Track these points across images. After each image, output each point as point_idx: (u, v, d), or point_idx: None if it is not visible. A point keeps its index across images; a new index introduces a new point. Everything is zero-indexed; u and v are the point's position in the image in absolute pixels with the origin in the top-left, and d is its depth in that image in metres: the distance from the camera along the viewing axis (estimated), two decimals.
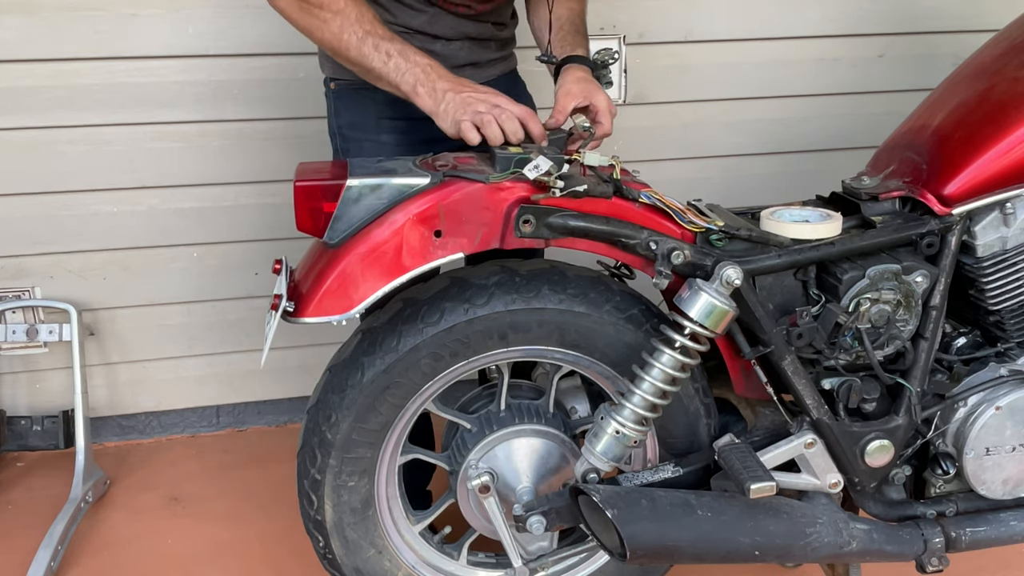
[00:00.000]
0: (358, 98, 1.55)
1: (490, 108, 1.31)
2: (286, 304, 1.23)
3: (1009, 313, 1.41)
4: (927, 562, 1.42)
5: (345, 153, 1.58)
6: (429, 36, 1.50)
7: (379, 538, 1.44)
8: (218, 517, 2.01)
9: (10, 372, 2.23)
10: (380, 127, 1.55)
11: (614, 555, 1.31)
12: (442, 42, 1.52)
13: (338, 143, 1.61)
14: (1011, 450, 1.42)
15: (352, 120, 1.57)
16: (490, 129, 1.29)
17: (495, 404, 1.47)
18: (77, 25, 1.97)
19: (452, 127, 1.31)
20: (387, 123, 1.54)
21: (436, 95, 1.32)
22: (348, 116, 1.58)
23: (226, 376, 2.33)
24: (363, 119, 1.56)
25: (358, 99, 1.55)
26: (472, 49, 1.56)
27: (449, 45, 1.53)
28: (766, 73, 2.32)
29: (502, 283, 1.32)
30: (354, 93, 1.55)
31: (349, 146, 1.58)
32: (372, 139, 1.55)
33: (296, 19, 1.36)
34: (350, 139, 1.58)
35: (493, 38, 1.60)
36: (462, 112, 1.30)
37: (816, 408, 1.36)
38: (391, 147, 1.54)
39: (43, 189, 2.07)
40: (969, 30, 2.34)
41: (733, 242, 1.33)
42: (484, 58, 1.60)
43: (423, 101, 1.32)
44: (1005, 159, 1.33)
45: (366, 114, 1.55)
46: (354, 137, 1.57)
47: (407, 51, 1.33)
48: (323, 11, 1.33)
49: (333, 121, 1.61)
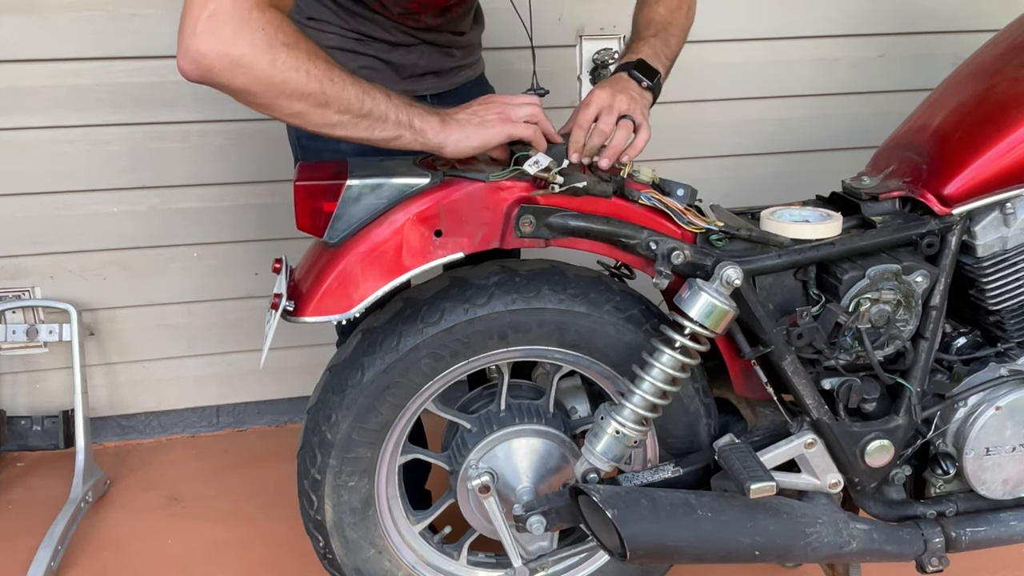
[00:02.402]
0: None
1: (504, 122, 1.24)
2: (286, 303, 1.23)
3: (1009, 313, 1.41)
4: (927, 562, 1.42)
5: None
6: (386, 44, 1.43)
7: (379, 538, 1.44)
8: (218, 517, 2.01)
9: (10, 372, 2.23)
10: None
11: (614, 555, 1.31)
12: (400, 50, 1.44)
13: (297, 153, 1.55)
14: (1011, 450, 1.42)
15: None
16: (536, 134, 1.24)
17: (495, 404, 1.47)
18: (77, 25, 1.97)
19: (495, 138, 1.23)
20: None
21: (457, 119, 1.22)
22: None
23: (226, 376, 2.34)
24: None
25: None
26: (433, 57, 1.49)
27: (408, 53, 1.46)
28: (766, 73, 2.32)
29: (502, 283, 1.32)
30: None
31: (308, 156, 1.51)
32: (331, 147, 1.45)
33: (266, 73, 1.06)
34: (308, 148, 1.51)
35: (453, 45, 1.53)
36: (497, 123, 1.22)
37: (816, 408, 1.36)
38: (350, 155, 1.44)
39: (43, 189, 2.07)
40: (969, 30, 2.34)
41: (733, 242, 1.33)
42: (446, 66, 1.53)
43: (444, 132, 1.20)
44: (1005, 159, 1.33)
45: None
46: (312, 147, 1.50)
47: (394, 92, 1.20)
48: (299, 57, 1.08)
49: (291, 131, 1.54)
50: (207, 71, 1.04)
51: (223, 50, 1.03)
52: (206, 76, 1.05)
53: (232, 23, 1.02)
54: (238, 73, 1.04)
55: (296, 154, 1.57)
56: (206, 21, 1.02)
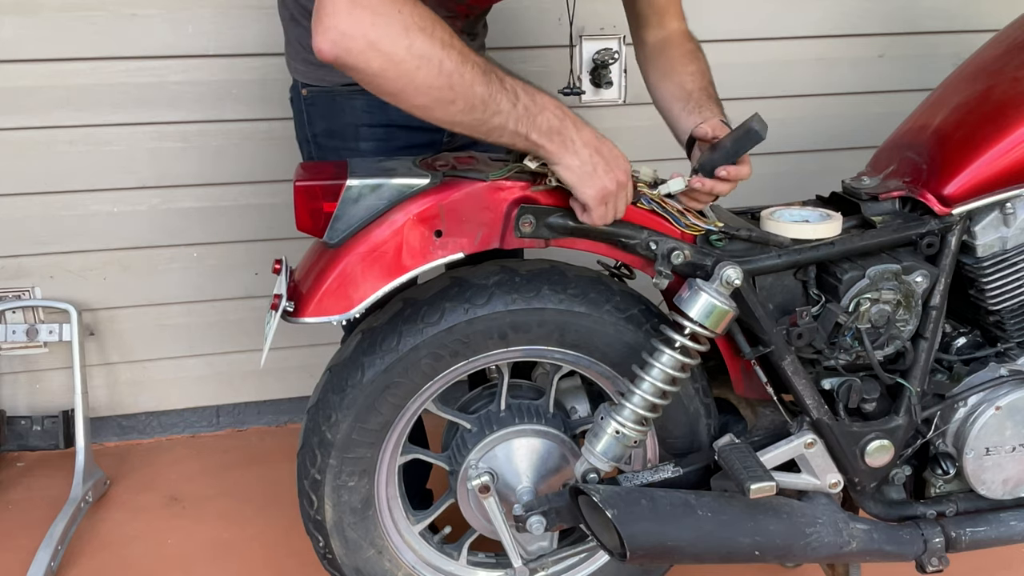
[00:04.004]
0: (333, 105, 1.47)
1: (618, 188, 1.19)
2: (286, 304, 1.23)
3: (1009, 313, 1.41)
4: (927, 562, 1.42)
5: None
6: None
7: (379, 538, 1.44)
8: (218, 517, 2.00)
9: (10, 372, 2.23)
10: (359, 135, 1.48)
11: (614, 555, 1.31)
12: None
13: (312, 151, 1.54)
14: (1011, 450, 1.42)
15: (328, 128, 1.50)
16: (609, 215, 1.21)
17: (495, 404, 1.47)
18: (77, 25, 1.97)
19: (595, 200, 1.18)
20: (366, 130, 1.47)
21: (575, 149, 1.16)
22: (323, 124, 1.50)
23: (226, 376, 2.33)
24: (340, 127, 1.48)
25: (333, 106, 1.47)
26: None
27: None
28: (766, 73, 2.32)
29: (502, 283, 1.32)
30: (329, 100, 1.47)
31: (326, 155, 1.50)
32: (351, 147, 1.47)
33: (403, 57, 1.03)
34: (326, 148, 1.51)
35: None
36: (606, 183, 1.17)
37: (816, 408, 1.36)
38: (370, 155, 1.46)
39: (43, 189, 2.07)
40: (969, 30, 2.34)
41: (733, 242, 1.33)
42: None
43: (558, 154, 1.16)
44: (1005, 159, 1.33)
45: (344, 122, 1.47)
46: (330, 146, 1.50)
47: (528, 87, 1.14)
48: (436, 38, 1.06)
49: (306, 129, 1.53)
50: (343, 52, 1.03)
51: (361, 31, 1.02)
52: (341, 57, 1.03)
53: (372, 5, 1.02)
54: (373, 56, 1.03)
55: (309, 152, 1.55)
56: (346, 1, 1.01)
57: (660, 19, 1.52)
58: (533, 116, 1.13)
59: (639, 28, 1.55)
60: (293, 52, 1.52)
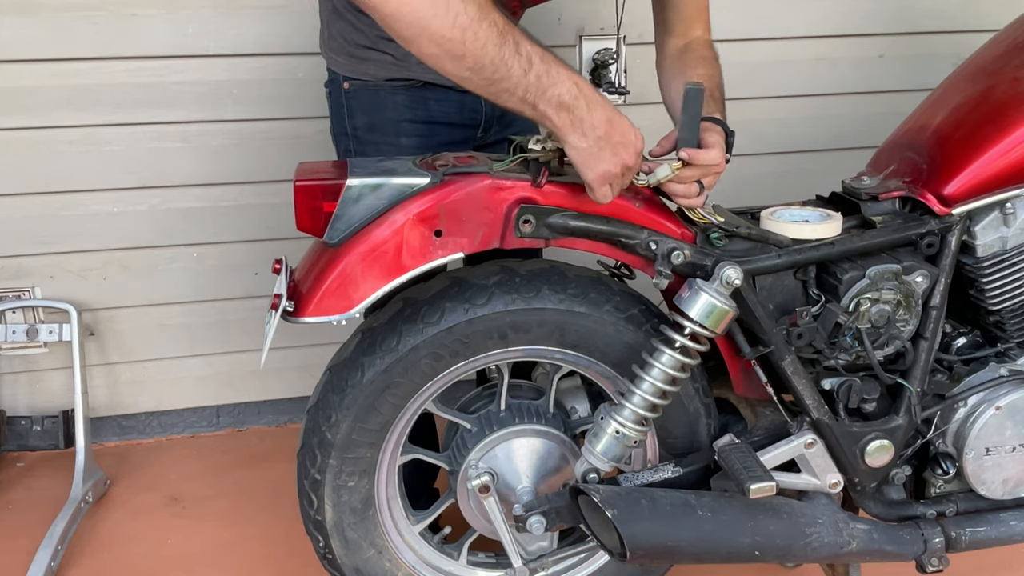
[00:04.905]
0: (376, 99, 1.47)
1: (623, 171, 1.19)
2: (286, 304, 1.23)
3: (1009, 313, 1.41)
4: (927, 562, 1.42)
5: (360, 156, 1.52)
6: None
7: (379, 538, 1.44)
8: (218, 517, 2.01)
9: (10, 372, 2.23)
10: (400, 130, 1.48)
11: (614, 555, 1.31)
12: None
13: (351, 145, 1.53)
14: (1011, 450, 1.42)
15: (370, 122, 1.50)
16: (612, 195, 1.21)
17: (495, 404, 1.47)
18: (77, 25, 1.97)
19: (596, 182, 1.18)
20: (407, 126, 1.48)
21: (583, 129, 1.14)
22: (365, 118, 1.51)
23: (226, 376, 2.33)
24: (381, 121, 1.49)
25: (376, 100, 1.47)
26: None
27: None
28: (766, 73, 2.32)
29: (502, 283, 1.32)
30: (371, 94, 1.47)
31: (365, 149, 1.51)
32: (391, 142, 1.47)
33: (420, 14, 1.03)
34: (366, 142, 1.51)
35: None
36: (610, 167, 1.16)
37: (816, 408, 1.36)
38: (410, 151, 1.46)
39: (43, 189, 2.07)
40: (969, 30, 2.34)
41: (733, 242, 1.33)
42: None
43: (564, 130, 1.14)
44: (1005, 159, 1.33)
45: (385, 116, 1.48)
46: (371, 140, 1.50)
47: (547, 57, 1.11)
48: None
49: (346, 123, 1.53)
50: None
51: None
52: None
53: None
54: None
55: (347, 146, 1.54)
56: None
57: (686, 28, 1.53)
58: (544, 87, 1.11)
59: (664, 34, 1.56)
60: (336, 46, 1.50)
